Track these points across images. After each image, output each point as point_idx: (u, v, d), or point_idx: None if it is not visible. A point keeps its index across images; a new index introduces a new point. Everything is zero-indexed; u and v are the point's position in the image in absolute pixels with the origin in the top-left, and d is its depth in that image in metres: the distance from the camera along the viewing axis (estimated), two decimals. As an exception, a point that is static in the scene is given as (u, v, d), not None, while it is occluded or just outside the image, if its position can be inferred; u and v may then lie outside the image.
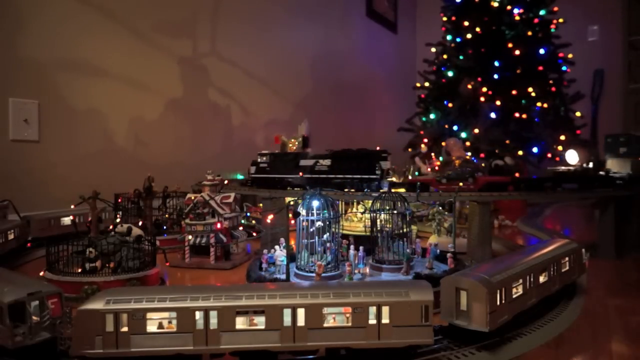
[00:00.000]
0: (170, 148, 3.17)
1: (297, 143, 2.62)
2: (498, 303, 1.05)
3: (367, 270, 1.50)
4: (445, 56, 4.31)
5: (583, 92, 4.16)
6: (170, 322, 0.93)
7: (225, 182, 2.38)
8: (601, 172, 2.17)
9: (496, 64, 3.91)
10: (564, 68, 4.10)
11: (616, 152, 2.24)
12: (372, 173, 1.91)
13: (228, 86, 3.60)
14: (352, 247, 1.52)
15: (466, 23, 4.11)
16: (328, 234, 1.45)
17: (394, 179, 2.12)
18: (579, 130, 4.12)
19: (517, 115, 3.80)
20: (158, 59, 3.10)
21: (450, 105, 4.10)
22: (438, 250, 1.62)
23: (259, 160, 2.34)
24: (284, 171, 2.21)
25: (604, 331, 1.24)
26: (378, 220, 1.53)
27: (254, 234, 2.47)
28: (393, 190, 1.71)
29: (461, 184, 1.88)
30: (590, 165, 2.24)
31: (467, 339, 1.06)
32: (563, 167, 2.23)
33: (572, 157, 2.35)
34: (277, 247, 1.60)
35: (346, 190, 1.96)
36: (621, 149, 2.23)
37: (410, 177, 2.64)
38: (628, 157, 2.18)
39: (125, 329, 0.91)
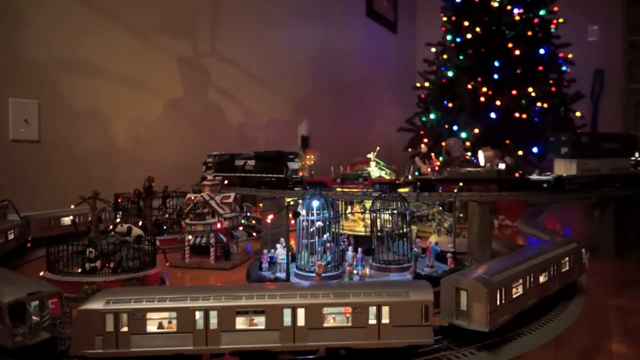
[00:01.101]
0: (170, 148, 3.16)
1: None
2: (498, 303, 1.05)
3: (367, 271, 1.50)
4: (445, 56, 4.31)
5: (583, 92, 4.16)
6: (170, 322, 0.93)
7: (226, 182, 2.38)
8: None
9: (496, 64, 3.90)
10: (564, 68, 4.10)
11: (558, 153, 2.10)
12: (280, 173, 2.16)
13: (228, 86, 3.60)
14: (350, 248, 1.52)
15: (466, 23, 4.11)
16: (328, 234, 1.45)
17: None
18: (579, 130, 4.12)
19: (517, 115, 3.80)
20: (158, 59, 3.10)
21: (450, 105, 4.10)
22: (438, 249, 1.63)
23: (207, 160, 2.71)
24: (225, 170, 2.50)
25: (604, 331, 1.24)
26: (378, 220, 1.53)
27: (254, 234, 2.47)
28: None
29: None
30: (502, 166, 2.16)
31: (467, 339, 1.05)
32: (469, 168, 2.18)
33: (480, 157, 2.31)
34: (278, 245, 1.60)
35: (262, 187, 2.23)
36: (562, 149, 2.07)
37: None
38: (570, 158, 2.04)
39: (125, 329, 0.91)
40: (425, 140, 4.24)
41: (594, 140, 2.13)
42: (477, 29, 4.01)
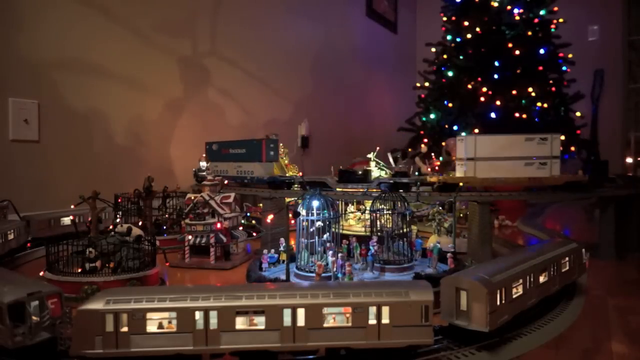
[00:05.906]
0: (170, 148, 3.17)
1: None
2: (498, 303, 1.05)
3: (344, 279, 1.43)
4: (445, 56, 4.31)
5: (583, 92, 4.16)
6: (170, 322, 0.93)
7: (225, 182, 2.38)
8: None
9: (496, 64, 3.91)
10: (564, 68, 4.10)
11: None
12: None
13: (228, 86, 3.60)
14: (330, 252, 1.43)
15: (466, 23, 4.11)
16: (328, 234, 1.45)
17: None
18: (579, 130, 4.12)
19: (517, 115, 3.80)
20: (158, 59, 3.09)
21: (450, 105, 4.10)
22: (421, 241, 1.67)
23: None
24: None
25: (604, 331, 1.24)
26: (378, 220, 1.53)
27: (254, 234, 2.47)
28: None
29: None
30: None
31: (467, 339, 1.05)
32: None
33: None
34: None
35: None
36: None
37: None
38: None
39: (125, 329, 0.91)
40: (425, 140, 4.24)
41: (223, 145, 2.61)
42: (477, 29, 4.02)
